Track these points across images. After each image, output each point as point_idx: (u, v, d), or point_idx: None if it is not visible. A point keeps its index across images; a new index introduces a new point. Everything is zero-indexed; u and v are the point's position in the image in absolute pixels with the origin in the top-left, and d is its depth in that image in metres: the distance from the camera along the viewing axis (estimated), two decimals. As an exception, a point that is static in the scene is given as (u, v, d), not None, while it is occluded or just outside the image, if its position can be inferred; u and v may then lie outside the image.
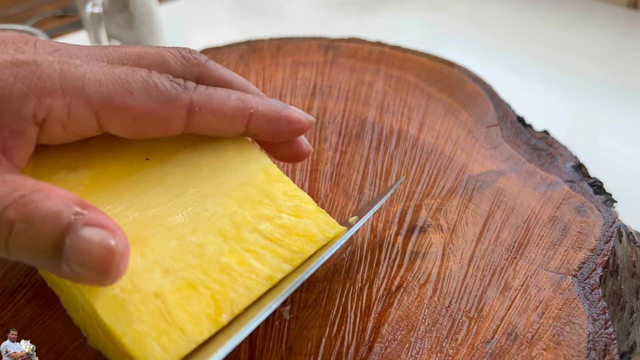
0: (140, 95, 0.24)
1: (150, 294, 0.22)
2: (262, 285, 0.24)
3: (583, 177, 0.35)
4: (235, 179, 0.27)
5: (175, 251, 0.24)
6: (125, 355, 0.21)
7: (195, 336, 0.21)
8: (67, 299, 0.26)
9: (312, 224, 0.27)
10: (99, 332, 0.24)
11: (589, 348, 0.25)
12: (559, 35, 0.73)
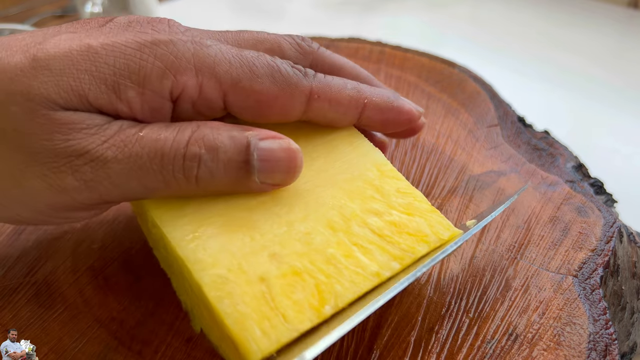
0: (266, 79, 0.25)
1: (256, 277, 0.22)
2: (369, 281, 0.23)
3: (584, 177, 0.35)
4: (347, 172, 0.27)
5: (283, 237, 0.24)
6: (227, 338, 0.22)
7: (297, 324, 0.21)
8: (178, 280, 0.27)
9: (424, 224, 0.26)
10: (205, 314, 0.24)
11: (590, 348, 0.25)
12: (560, 35, 0.73)
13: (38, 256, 0.31)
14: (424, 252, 0.25)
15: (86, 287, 0.29)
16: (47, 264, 0.30)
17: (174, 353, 0.26)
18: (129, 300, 0.28)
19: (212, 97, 0.24)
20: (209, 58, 0.24)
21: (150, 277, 0.30)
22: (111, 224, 0.33)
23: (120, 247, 0.31)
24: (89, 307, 0.28)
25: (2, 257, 0.31)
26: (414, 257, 0.25)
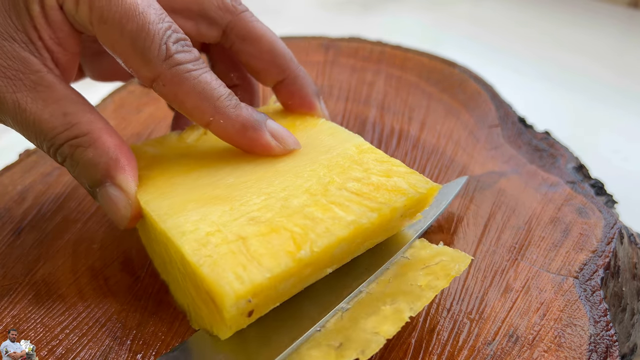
0: (131, 34, 0.25)
1: (234, 236, 0.23)
2: (345, 228, 0.24)
3: (584, 178, 0.35)
4: (327, 153, 0.28)
5: (262, 204, 0.25)
6: (205, 297, 0.22)
7: (271, 267, 0.22)
8: (169, 271, 0.27)
9: (402, 182, 0.26)
10: (189, 286, 0.24)
11: (591, 350, 0.25)
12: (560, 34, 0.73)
13: (38, 256, 0.31)
14: (401, 202, 0.25)
15: (86, 287, 0.29)
16: (47, 264, 0.30)
17: (174, 354, 0.26)
18: (129, 300, 0.28)
19: (84, 19, 0.25)
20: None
21: (150, 277, 0.30)
22: (111, 223, 0.33)
23: (120, 247, 0.31)
24: (89, 307, 0.28)
25: (2, 257, 0.31)
26: (392, 207, 0.25)
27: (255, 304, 0.22)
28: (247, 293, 0.21)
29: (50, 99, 0.25)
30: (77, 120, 0.25)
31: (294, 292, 0.24)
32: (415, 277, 0.25)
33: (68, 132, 0.25)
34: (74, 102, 0.26)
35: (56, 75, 0.26)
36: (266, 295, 0.22)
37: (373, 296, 0.25)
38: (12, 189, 0.36)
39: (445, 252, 0.26)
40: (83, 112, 0.26)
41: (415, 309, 0.24)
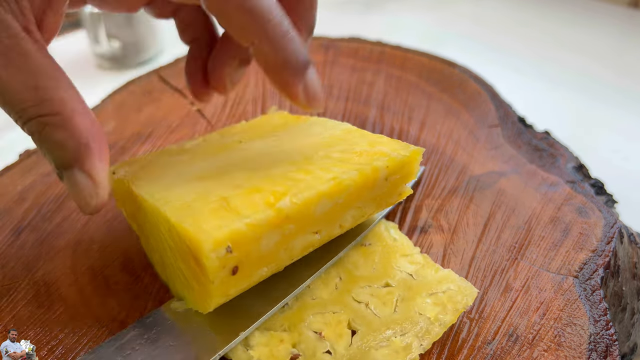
0: None
1: (216, 197, 0.24)
2: (325, 183, 0.24)
3: (584, 177, 0.35)
4: (316, 136, 0.29)
5: (247, 174, 0.25)
6: (192, 264, 0.22)
7: (249, 214, 0.22)
8: (159, 254, 0.27)
9: (385, 147, 0.27)
10: (178, 260, 0.24)
11: (590, 349, 0.25)
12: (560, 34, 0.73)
13: (38, 256, 0.31)
14: (383, 163, 0.26)
15: (86, 287, 0.29)
16: (47, 264, 0.30)
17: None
18: (129, 300, 0.28)
19: None
20: None
21: (150, 277, 0.30)
22: (111, 223, 0.33)
23: (120, 247, 0.31)
24: (89, 307, 0.28)
25: (2, 257, 0.31)
26: (373, 166, 0.26)
27: (238, 259, 0.22)
28: (224, 238, 0.21)
29: (24, 67, 0.23)
30: (50, 97, 0.23)
31: (281, 258, 0.24)
32: (423, 306, 0.26)
33: (38, 107, 0.23)
34: (49, 76, 0.23)
35: (36, 41, 0.23)
36: (248, 249, 0.22)
37: (381, 320, 0.25)
38: (12, 189, 0.36)
39: (451, 278, 0.27)
40: (57, 88, 0.23)
41: (424, 346, 0.24)
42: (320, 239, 0.26)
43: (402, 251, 0.29)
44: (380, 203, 0.27)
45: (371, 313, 0.26)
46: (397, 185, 0.28)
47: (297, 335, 0.25)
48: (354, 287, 0.27)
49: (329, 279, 0.27)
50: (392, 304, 0.26)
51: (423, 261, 0.28)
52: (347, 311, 0.26)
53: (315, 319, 0.25)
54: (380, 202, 0.27)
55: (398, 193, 0.28)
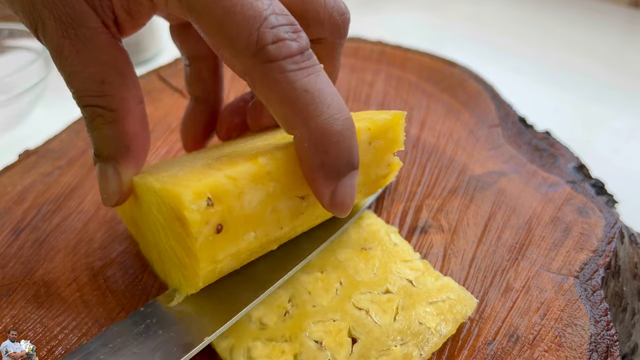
0: None
1: (201, 165, 0.24)
2: None
3: (585, 177, 0.35)
4: None
5: (235, 149, 0.26)
6: (179, 231, 0.22)
7: (228, 171, 0.22)
8: (149, 238, 0.28)
9: (368, 115, 0.28)
10: (170, 239, 0.24)
11: (591, 350, 0.25)
12: (561, 34, 0.73)
13: (37, 256, 0.31)
14: (365, 125, 0.26)
15: (85, 287, 0.29)
16: (47, 264, 0.30)
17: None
18: (129, 300, 0.28)
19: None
20: None
21: (150, 277, 0.30)
22: (111, 223, 0.33)
23: (120, 247, 0.31)
24: (89, 307, 0.28)
25: (1, 257, 0.31)
26: (355, 127, 0.26)
27: (221, 215, 0.22)
28: (204, 188, 0.21)
29: (95, 59, 0.24)
30: (112, 93, 0.24)
31: (268, 222, 0.24)
32: (424, 315, 0.26)
33: (98, 99, 0.24)
34: (117, 71, 0.24)
35: (111, 35, 0.24)
36: (231, 204, 0.22)
37: (382, 329, 0.25)
38: (12, 189, 0.36)
39: (451, 287, 0.27)
40: (121, 86, 0.24)
41: (424, 355, 0.24)
42: (308, 205, 0.25)
43: (403, 256, 0.29)
44: (369, 174, 0.27)
45: (372, 321, 0.26)
46: (383, 153, 0.27)
47: (299, 346, 0.25)
48: (355, 293, 0.27)
49: (330, 283, 0.27)
50: (393, 311, 0.26)
51: (423, 268, 0.28)
52: (348, 319, 0.26)
53: (316, 328, 0.25)
54: (369, 172, 0.27)
55: (386, 164, 0.28)
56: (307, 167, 0.23)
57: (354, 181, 0.23)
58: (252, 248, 0.24)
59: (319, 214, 0.27)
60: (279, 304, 0.27)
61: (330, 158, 0.22)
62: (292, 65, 0.21)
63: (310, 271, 0.28)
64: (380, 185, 0.29)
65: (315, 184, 0.23)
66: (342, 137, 0.22)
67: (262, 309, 0.26)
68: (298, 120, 0.21)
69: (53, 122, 0.44)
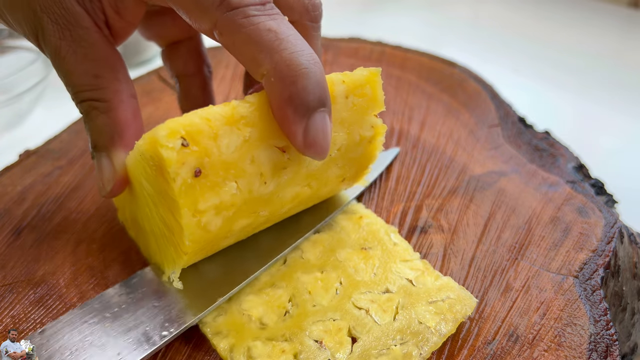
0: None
1: None
2: None
3: (584, 177, 0.35)
4: None
5: None
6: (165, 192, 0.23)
7: (202, 112, 0.23)
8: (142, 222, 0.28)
9: None
10: (160, 208, 0.25)
11: (591, 349, 0.25)
12: (560, 34, 0.73)
13: (38, 256, 0.31)
14: (339, 79, 0.26)
15: (86, 287, 0.29)
16: (47, 264, 0.30)
17: (173, 353, 0.26)
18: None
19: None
20: None
21: (150, 277, 0.30)
22: (111, 224, 0.33)
23: (120, 247, 0.31)
24: (89, 308, 0.28)
25: (2, 257, 0.31)
26: (329, 78, 0.26)
27: (198, 158, 0.22)
28: (178, 126, 0.22)
29: (89, 56, 0.26)
30: (105, 86, 0.26)
31: (249, 172, 0.24)
32: (423, 314, 0.26)
33: (92, 92, 0.26)
34: (109, 67, 0.26)
35: (104, 35, 0.27)
36: (207, 146, 0.22)
37: (382, 328, 0.25)
38: (12, 189, 0.36)
39: (450, 287, 0.27)
40: (114, 79, 0.26)
41: (424, 355, 0.24)
42: (290, 161, 0.25)
43: (402, 256, 0.29)
44: (352, 133, 0.27)
45: (371, 320, 0.26)
46: (364, 112, 0.27)
47: (299, 345, 0.25)
48: (355, 292, 0.27)
49: (330, 283, 0.27)
50: (392, 311, 0.26)
51: (423, 267, 0.28)
52: (347, 318, 0.26)
53: (316, 327, 0.25)
54: (352, 131, 0.27)
55: (369, 125, 0.28)
56: (276, 104, 0.23)
57: (326, 120, 0.23)
58: (236, 204, 0.24)
59: (305, 175, 0.27)
60: (279, 303, 0.27)
61: (298, 89, 0.22)
62: (255, 11, 0.23)
63: (310, 271, 0.28)
64: (370, 155, 0.29)
65: (286, 121, 0.23)
66: (308, 69, 0.22)
67: (262, 309, 0.26)
68: (264, 56, 0.22)
69: (53, 122, 0.44)
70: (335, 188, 0.30)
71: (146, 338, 0.24)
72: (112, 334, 0.25)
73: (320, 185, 0.28)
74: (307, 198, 0.28)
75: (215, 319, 0.26)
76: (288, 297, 0.27)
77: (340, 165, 0.28)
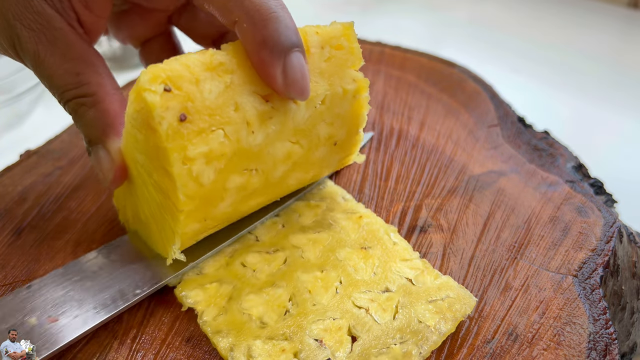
0: None
1: None
2: None
3: (584, 177, 0.35)
4: None
5: None
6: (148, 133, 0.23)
7: (182, 59, 0.23)
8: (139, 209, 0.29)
9: None
10: (149, 185, 0.26)
11: (590, 348, 0.25)
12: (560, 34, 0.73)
13: (38, 256, 0.31)
14: (312, 30, 0.27)
15: (86, 287, 0.29)
16: (47, 263, 0.30)
17: (173, 354, 0.26)
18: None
19: None
20: None
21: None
22: (111, 223, 0.33)
23: (121, 247, 0.31)
24: (89, 307, 0.28)
25: (2, 257, 0.31)
26: (301, 29, 0.27)
27: (182, 102, 0.22)
28: (159, 71, 0.22)
29: (67, 55, 0.26)
30: (88, 81, 0.27)
31: (234, 120, 0.24)
32: (423, 313, 0.26)
33: (77, 90, 0.26)
34: (89, 63, 0.27)
35: (78, 34, 0.27)
36: (190, 92, 0.23)
37: (381, 327, 0.25)
38: (13, 189, 0.36)
39: (450, 286, 0.27)
40: (95, 73, 0.27)
41: (423, 354, 0.24)
42: (275, 110, 0.25)
43: (402, 255, 0.29)
44: (333, 84, 0.27)
45: (371, 319, 0.26)
46: (343, 65, 0.28)
47: (299, 344, 0.25)
48: (354, 292, 0.27)
49: (330, 282, 0.27)
50: (392, 310, 0.26)
51: (422, 267, 0.28)
52: (347, 317, 0.26)
53: (316, 326, 0.25)
54: (332, 82, 0.27)
55: (351, 78, 0.28)
56: (251, 48, 0.24)
57: (302, 60, 0.24)
58: (226, 154, 0.24)
59: (293, 130, 0.27)
60: (279, 302, 0.27)
61: (271, 32, 0.24)
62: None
63: (310, 270, 0.28)
64: (357, 113, 0.29)
65: (263, 65, 0.24)
66: (277, 13, 0.24)
67: (262, 308, 0.27)
68: (233, 3, 0.24)
69: (53, 123, 0.44)
70: (329, 158, 0.31)
71: (121, 295, 0.27)
72: (91, 291, 0.27)
73: (311, 145, 0.28)
74: (301, 162, 0.29)
75: (216, 318, 0.26)
76: (288, 296, 0.27)
77: (329, 122, 0.29)
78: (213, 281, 0.28)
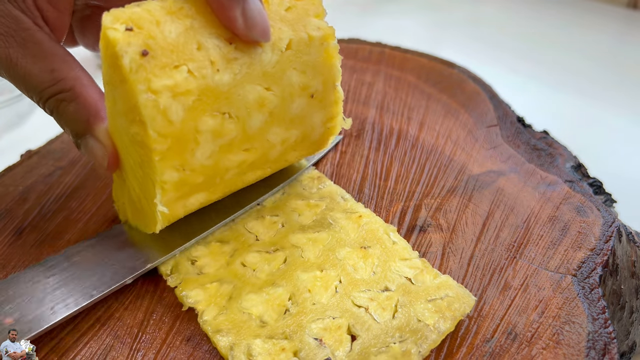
0: None
1: None
2: None
3: (583, 177, 0.36)
4: None
5: None
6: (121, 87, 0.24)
7: (143, 5, 0.24)
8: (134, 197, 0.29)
9: None
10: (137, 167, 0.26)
11: (589, 347, 0.25)
12: (559, 35, 0.73)
13: (39, 256, 0.31)
14: None
15: (87, 286, 0.29)
16: (48, 263, 0.31)
17: (174, 353, 0.26)
18: (130, 299, 0.29)
19: None
20: None
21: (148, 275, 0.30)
22: (110, 223, 0.33)
23: (121, 247, 0.31)
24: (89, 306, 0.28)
25: (3, 257, 0.31)
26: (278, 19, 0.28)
27: (143, 39, 0.23)
28: (120, 13, 0.24)
29: (39, 55, 0.27)
30: (63, 77, 0.27)
31: (198, 59, 0.25)
32: (422, 312, 0.26)
33: (54, 87, 0.27)
34: (61, 59, 0.27)
35: (46, 32, 0.27)
36: (150, 31, 0.24)
37: (381, 326, 0.25)
38: (14, 189, 0.36)
39: (449, 285, 0.27)
40: (69, 68, 0.27)
41: (423, 353, 0.24)
42: (239, 52, 0.26)
43: (401, 255, 0.29)
44: (297, 29, 0.28)
45: (371, 318, 0.26)
46: (305, 14, 0.28)
47: (299, 343, 0.25)
48: (354, 291, 0.27)
49: (329, 282, 0.28)
50: (392, 309, 0.26)
51: (422, 266, 0.28)
52: (347, 316, 0.26)
53: (315, 325, 0.26)
54: (296, 27, 0.28)
55: (316, 26, 0.28)
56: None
57: (258, 3, 0.26)
58: (192, 91, 0.25)
59: (262, 74, 0.27)
60: (279, 302, 0.27)
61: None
62: None
63: (309, 270, 0.28)
64: (329, 63, 0.29)
65: (222, 9, 0.25)
66: None
67: (262, 307, 0.27)
68: None
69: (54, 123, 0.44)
70: (310, 115, 0.31)
71: (109, 278, 0.28)
72: (77, 275, 0.28)
73: (284, 95, 0.28)
74: (277, 112, 0.29)
75: (216, 318, 0.26)
76: (288, 295, 0.27)
77: (301, 70, 0.29)
78: (213, 281, 0.28)
